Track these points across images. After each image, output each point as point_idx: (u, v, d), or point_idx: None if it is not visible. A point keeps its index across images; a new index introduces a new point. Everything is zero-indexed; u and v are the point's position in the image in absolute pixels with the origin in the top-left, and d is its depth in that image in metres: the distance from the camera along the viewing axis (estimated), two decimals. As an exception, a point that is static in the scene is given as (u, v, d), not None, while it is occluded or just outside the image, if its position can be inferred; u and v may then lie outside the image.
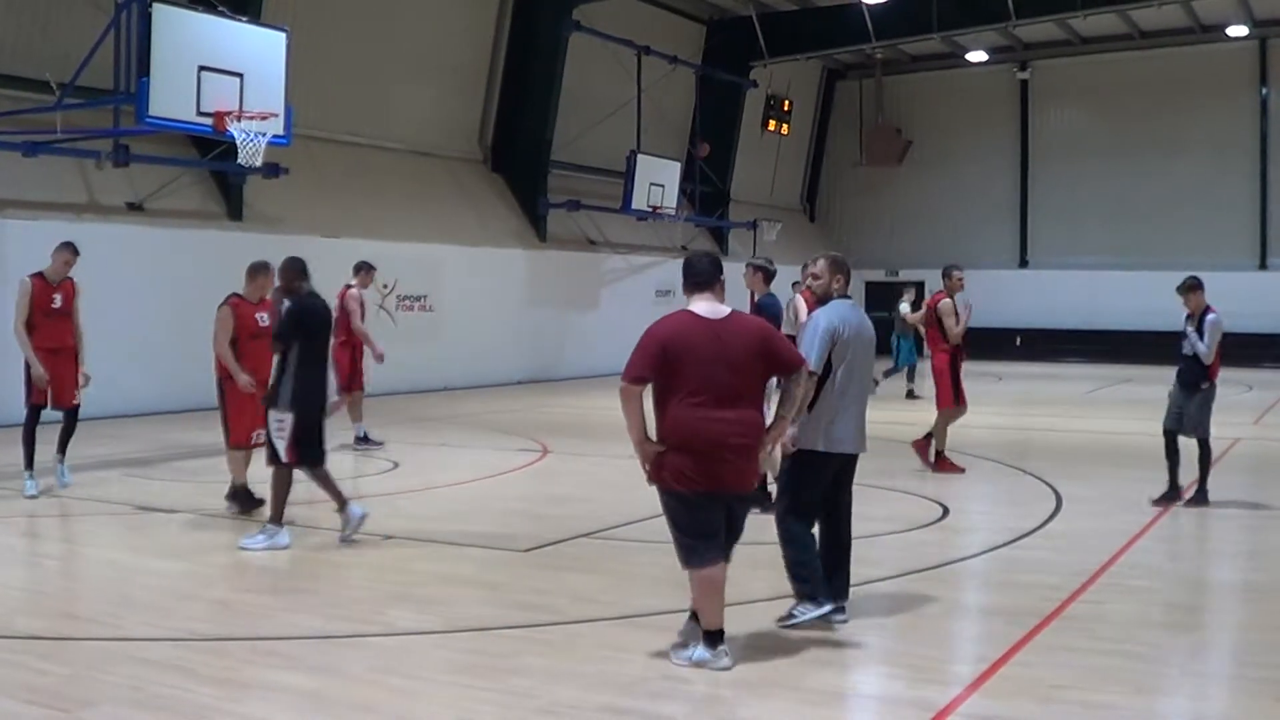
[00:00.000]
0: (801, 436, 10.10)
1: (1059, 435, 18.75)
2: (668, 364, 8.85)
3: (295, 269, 13.52)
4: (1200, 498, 15.54)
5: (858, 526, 10.54)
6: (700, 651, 8.95)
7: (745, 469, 9.07)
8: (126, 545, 13.20)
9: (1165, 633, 10.14)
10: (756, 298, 14.93)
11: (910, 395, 31.27)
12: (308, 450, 13.22)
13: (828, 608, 9.94)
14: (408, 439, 22.15)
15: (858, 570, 10.70)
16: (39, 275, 16.17)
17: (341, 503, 13.34)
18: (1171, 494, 15.67)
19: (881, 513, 15.16)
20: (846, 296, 10.58)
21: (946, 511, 15.22)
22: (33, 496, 15.29)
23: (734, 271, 12.49)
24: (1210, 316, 15.56)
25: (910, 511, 15.15)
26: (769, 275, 15.05)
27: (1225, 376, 16.24)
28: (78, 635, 9.68)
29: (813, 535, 10.30)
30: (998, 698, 8.28)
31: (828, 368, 10.12)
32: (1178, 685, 8.86)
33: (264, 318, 14.63)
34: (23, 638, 9.53)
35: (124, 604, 10.68)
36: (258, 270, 15.50)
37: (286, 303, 13.47)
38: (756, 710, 8.08)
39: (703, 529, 9.02)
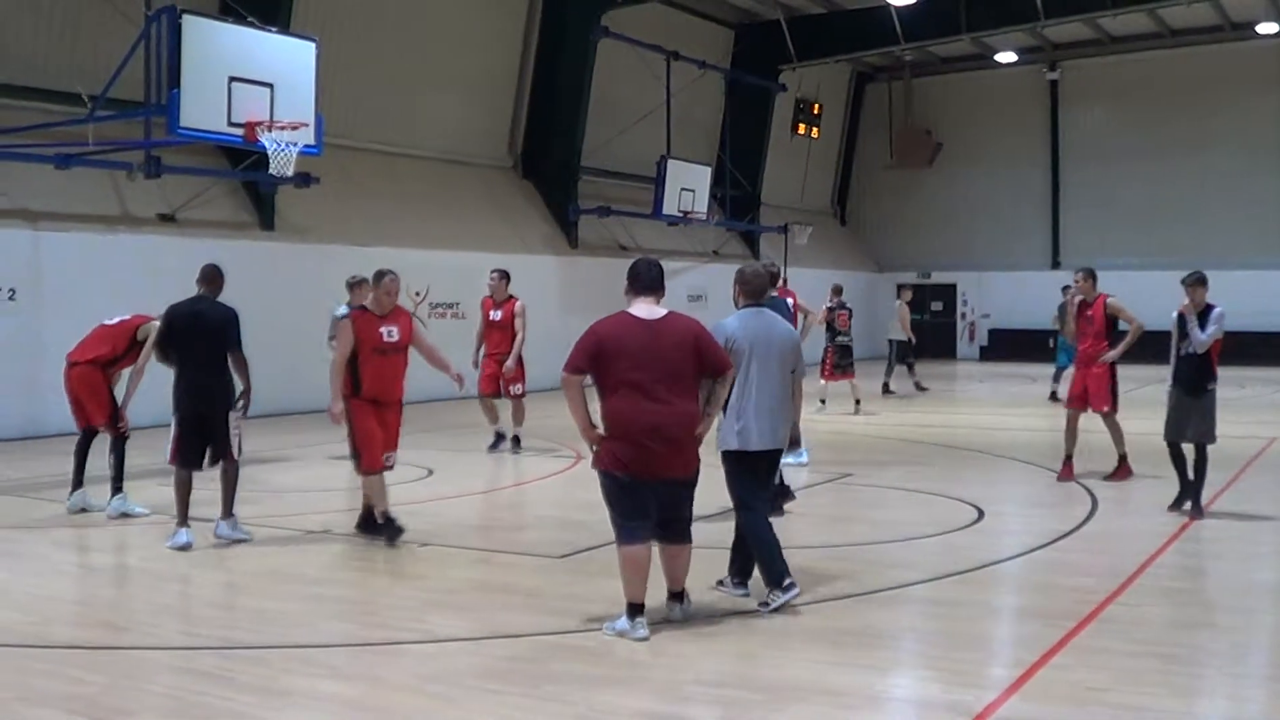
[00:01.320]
0: (721, 440, 10.88)
1: (1093, 436, 18.64)
2: (605, 359, 9.86)
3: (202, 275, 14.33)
4: (1197, 510, 14.84)
5: (891, 530, 10.60)
6: (621, 622, 9.83)
7: (676, 457, 9.89)
8: (164, 554, 13.22)
9: (1203, 634, 10.09)
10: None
11: (1052, 397, 30.83)
12: (187, 454, 13.82)
13: (796, 591, 10.58)
14: (442, 446, 22.15)
15: (894, 574, 10.81)
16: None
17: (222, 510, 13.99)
18: (1184, 499, 15.10)
19: (917, 516, 15.20)
20: (755, 305, 11.13)
21: (982, 514, 15.17)
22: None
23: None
24: (1217, 310, 15.04)
25: (946, 515, 15.12)
26: (773, 277, 15.09)
27: (1251, 375, 16.09)
28: (117, 644, 9.72)
29: (768, 524, 10.91)
30: (1035, 701, 8.27)
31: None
32: (1216, 687, 8.84)
33: (392, 332, 13.71)
34: (62, 647, 9.58)
35: (162, 613, 10.74)
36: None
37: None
38: (792, 714, 8.08)
39: (633, 511, 9.92)
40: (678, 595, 10.31)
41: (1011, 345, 47.67)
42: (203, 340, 13.79)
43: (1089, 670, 8.88)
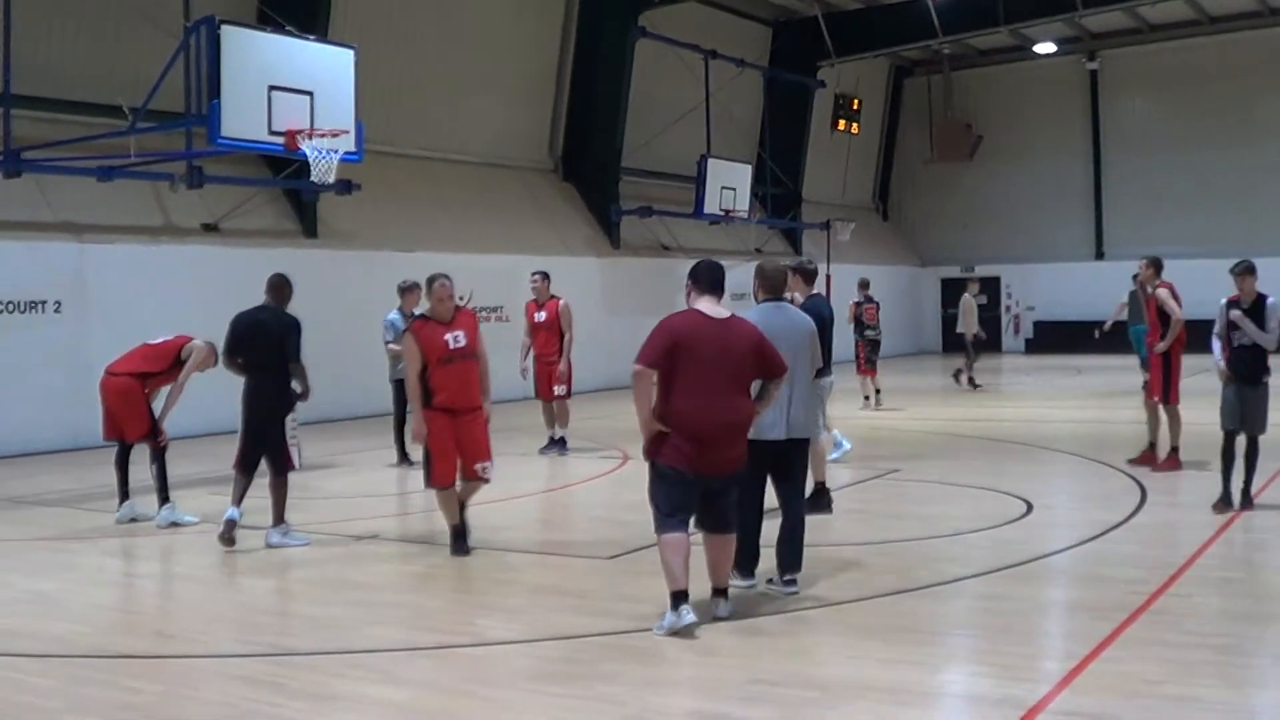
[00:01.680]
0: None
1: (1141, 428, 18.61)
2: (676, 354, 9.97)
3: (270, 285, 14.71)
4: (1246, 500, 14.62)
5: (940, 525, 10.58)
6: (668, 617, 9.87)
7: (730, 452, 10.07)
8: (215, 563, 13.27)
9: (1255, 625, 10.03)
10: (799, 299, 14.78)
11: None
12: (246, 459, 14.17)
13: (751, 583, 11.17)
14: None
15: (944, 568, 10.78)
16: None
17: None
18: (1228, 498, 14.62)
19: (966, 511, 15.16)
20: (775, 300, 11.62)
21: (1031, 508, 15.13)
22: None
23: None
24: (1271, 300, 14.60)
25: (995, 509, 15.07)
26: (810, 275, 15.13)
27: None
28: (169, 653, 9.75)
29: (753, 514, 11.20)
30: (1087, 694, 8.23)
31: None
32: (1269, 678, 8.79)
33: (458, 338, 13.14)
34: (116, 657, 9.61)
35: (214, 621, 10.75)
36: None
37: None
38: (846, 712, 8.06)
39: (679, 505, 10.09)
40: (722, 591, 10.40)
41: (1057, 337, 47.41)
42: (261, 349, 14.09)
43: (1141, 662, 8.84)
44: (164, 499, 15.20)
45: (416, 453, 19.36)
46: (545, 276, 21.38)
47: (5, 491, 18.27)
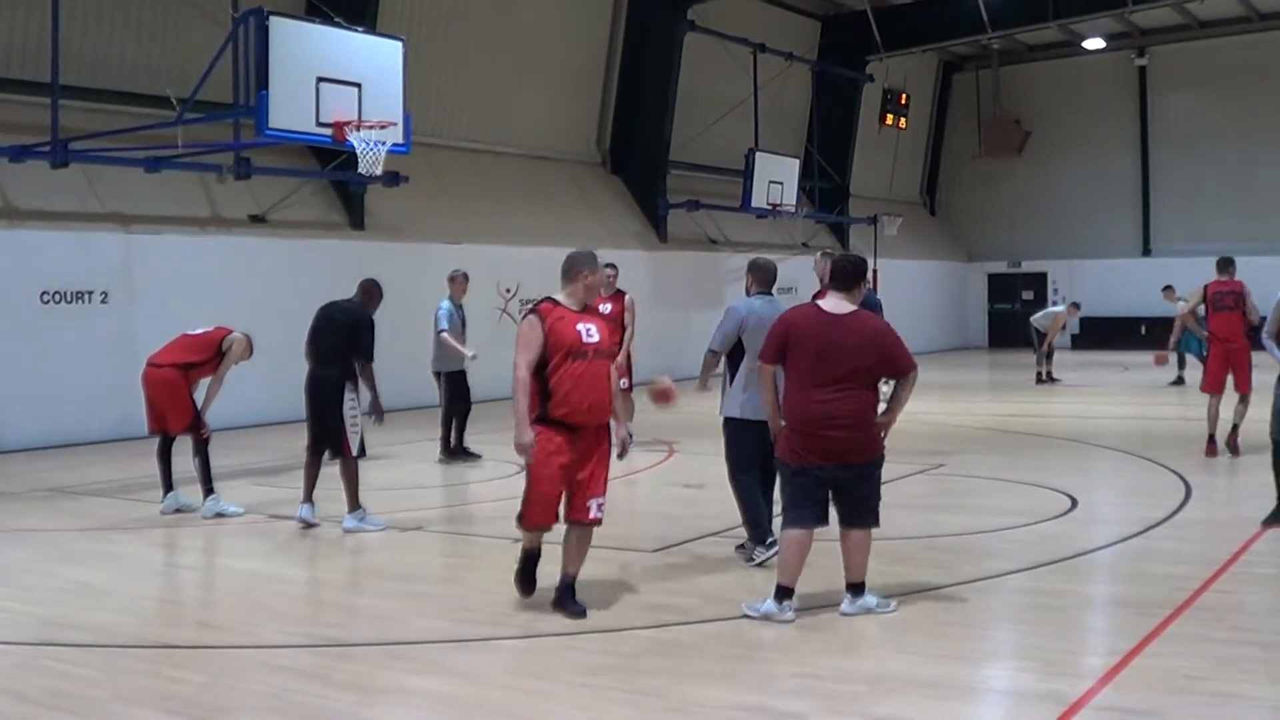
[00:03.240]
0: (724, 407, 12.17)
1: (1186, 424, 18.55)
2: (788, 348, 10.22)
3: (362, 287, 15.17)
4: None
5: (985, 520, 10.60)
6: (768, 604, 10.08)
7: (850, 442, 10.05)
8: (259, 553, 13.33)
9: (1301, 621, 10.01)
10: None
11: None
12: (309, 443, 14.51)
13: (776, 548, 11.27)
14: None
15: (988, 563, 10.84)
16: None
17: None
18: None
19: (1010, 505, 15.12)
20: (766, 293, 12.43)
21: (1075, 503, 15.07)
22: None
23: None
24: None
25: (1038, 504, 15.03)
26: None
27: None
28: (213, 644, 9.79)
29: (753, 490, 12.07)
30: (1130, 690, 8.19)
31: (741, 349, 12.01)
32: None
33: (590, 330, 10.53)
34: (159, 647, 9.65)
35: (257, 611, 10.77)
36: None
37: None
38: (890, 706, 8.03)
39: (799, 499, 10.23)
40: (856, 587, 10.34)
41: (1104, 333, 47.21)
42: (326, 339, 14.54)
43: (1185, 658, 8.80)
44: (208, 490, 15.25)
45: (472, 445, 19.48)
46: (614, 268, 21.13)
47: (52, 481, 18.36)
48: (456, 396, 20.13)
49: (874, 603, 10.28)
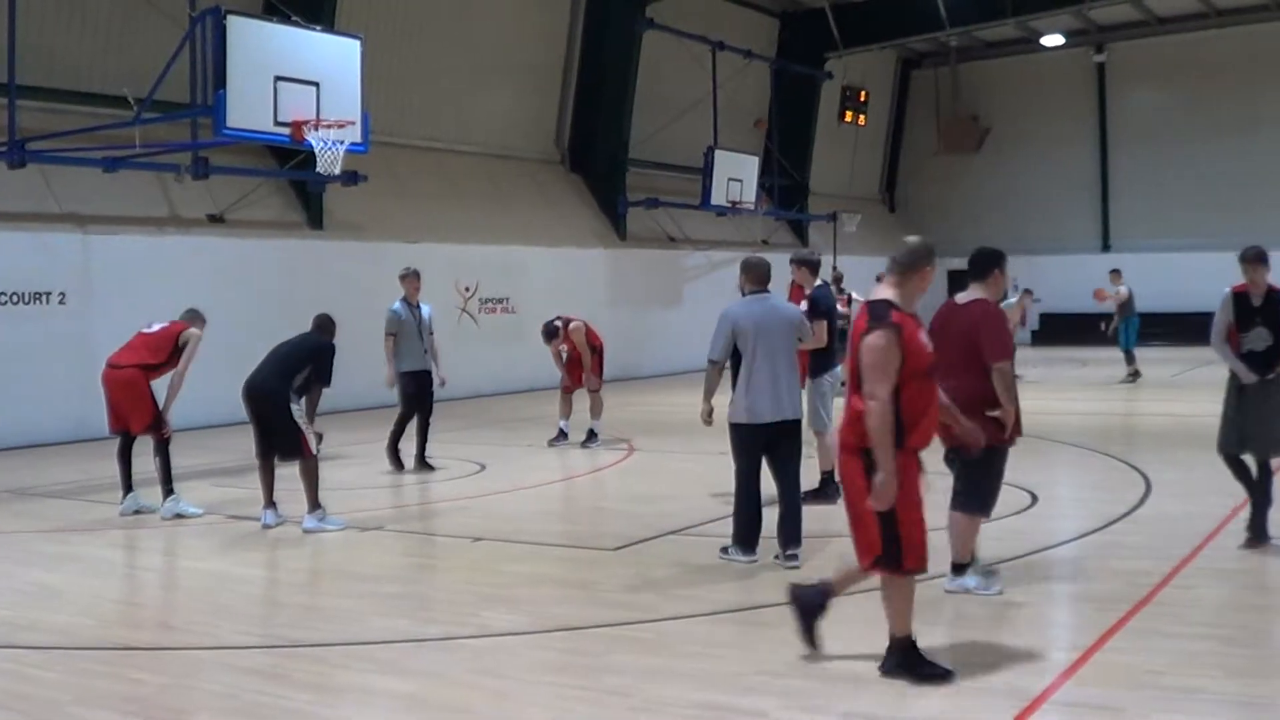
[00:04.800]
0: (731, 413, 12.00)
1: (1146, 419, 18.62)
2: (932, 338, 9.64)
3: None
4: (1261, 534, 12.19)
5: (945, 516, 10.58)
6: (970, 579, 10.72)
7: (951, 432, 10.29)
8: (219, 554, 13.28)
9: (1259, 616, 10.04)
10: (807, 290, 15.35)
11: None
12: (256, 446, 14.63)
13: (752, 558, 11.95)
14: (494, 441, 22.22)
15: (947, 560, 10.71)
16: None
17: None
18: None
19: (971, 501, 15.12)
20: (760, 291, 12.35)
21: (1035, 499, 15.11)
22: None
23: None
24: None
25: (1000, 499, 15.04)
26: (815, 266, 15.37)
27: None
28: (173, 645, 9.76)
29: (750, 496, 12.09)
30: (1091, 684, 8.23)
31: (739, 355, 12.00)
32: (1273, 668, 8.76)
33: (928, 340, 8.98)
34: (119, 649, 9.61)
35: (218, 612, 10.73)
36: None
37: None
38: (852, 703, 8.05)
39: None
40: (957, 567, 10.80)
41: (1063, 329, 47.39)
42: (283, 356, 14.70)
43: (1145, 653, 8.82)
44: (168, 491, 15.21)
45: (407, 456, 19.04)
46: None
47: (10, 483, 18.27)
48: (414, 397, 18.99)
49: (973, 584, 10.69)
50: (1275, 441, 12.23)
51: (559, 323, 21.13)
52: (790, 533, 11.96)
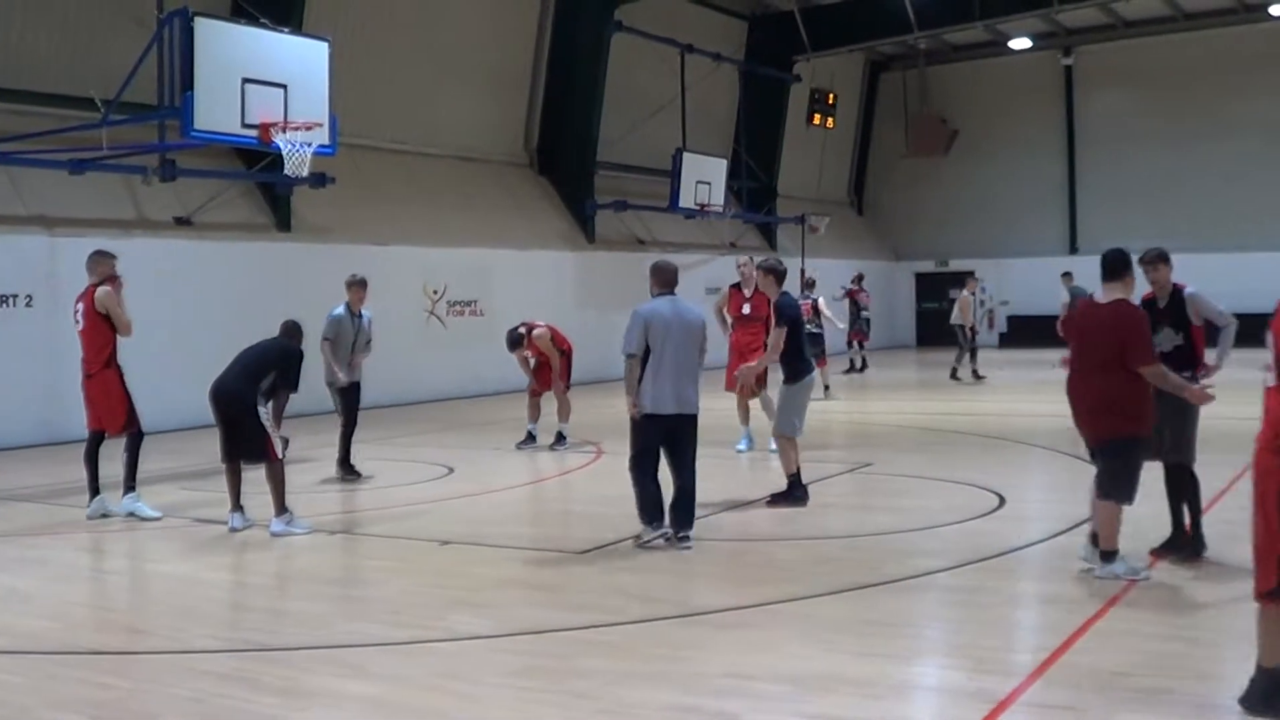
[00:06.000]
0: (639, 403, 12.94)
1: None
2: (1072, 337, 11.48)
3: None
4: (1197, 544, 12.06)
5: (913, 519, 10.64)
6: (1118, 565, 11.01)
7: (1084, 422, 11.36)
8: (186, 558, 13.24)
9: (1225, 616, 10.04)
10: (772, 298, 15.62)
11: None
12: (222, 449, 14.63)
13: (662, 530, 12.92)
14: (461, 444, 22.21)
15: (916, 562, 10.87)
16: None
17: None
18: (1177, 537, 12.16)
19: (938, 504, 15.18)
20: (668, 293, 13.35)
21: (1003, 501, 15.15)
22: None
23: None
24: (1189, 291, 11.96)
25: (966, 502, 15.09)
26: (780, 275, 15.45)
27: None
28: (140, 649, 9.73)
29: (651, 477, 13.07)
30: (1059, 686, 8.23)
31: (648, 351, 12.91)
32: (1239, 670, 8.77)
33: None
34: (86, 653, 9.58)
35: (185, 616, 10.71)
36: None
37: None
38: (819, 705, 8.05)
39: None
40: (1105, 554, 11.15)
41: (1031, 332, 47.53)
42: (251, 359, 14.73)
43: (1113, 654, 8.85)
44: (129, 488, 15.18)
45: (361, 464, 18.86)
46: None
47: (-24, 486, 18.22)
48: (341, 407, 18.54)
49: (1122, 570, 10.95)
50: (1185, 446, 12.00)
51: (523, 330, 21.08)
52: (683, 517, 13.01)
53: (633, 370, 12.98)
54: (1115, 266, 11.06)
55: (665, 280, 13.40)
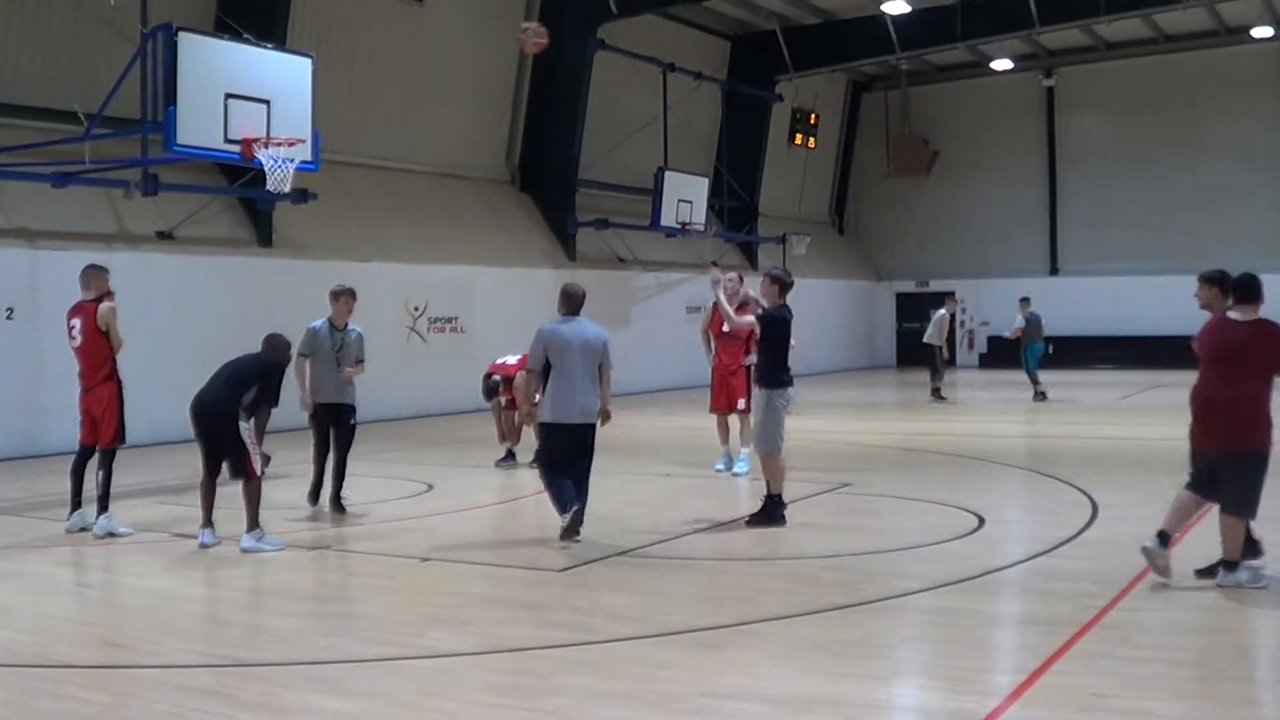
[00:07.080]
0: (539, 412, 14.51)
1: (1093, 442, 18.68)
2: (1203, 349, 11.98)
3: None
4: (1254, 550, 11.98)
5: (892, 539, 10.65)
6: (1242, 573, 11.42)
7: (1205, 430, 11.81)
8: (163, 572, 13.22)
9: (1204, 637, 10.10)
10: (767, 304, 15.70)
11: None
12: (203, 463, 14.61)
13: (574, 508, 14.10)
14: (441, 461, 22.19)
15: (895, 583, 10.91)
16: None
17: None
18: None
19: (917, 525, 15.21)
20: (571, 316, 14.75)
21: (982, 522, 15.15)
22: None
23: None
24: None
25: (946, 523, 15.10)
26: (785, 286, 15.36)
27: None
28: (117, 663, 9.71)
29: (563, 478, 14.26)
30: (1038, 708, 8.24)
31: (549, 366, 14.31)
32: (1218, 690, 8.81)
33: None
34: (64, 667, 9.55)
35: (163, 631, 10.69)
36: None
37: None
38: (796, 725, 8.07)
39: (1190, 473, 12.07)
40: (1228, 564, 11.49)
41: (1011, 352, 47.57)
42: (232, 373, 14.70)
43: (1092, 676, 8.86)
44: (103, 508, 15.13)
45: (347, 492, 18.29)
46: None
47: (-45, 499, 18.18)
48: (325, 433, 16.95)
49: (1245, 578, 11.36)
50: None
51: (498, 378, 20.78)
52: (580, 510, 14.21)
53: (531, 384, 14.99)
54: (1256, 290, 11.85)
55: (571, 306, 14.83)
